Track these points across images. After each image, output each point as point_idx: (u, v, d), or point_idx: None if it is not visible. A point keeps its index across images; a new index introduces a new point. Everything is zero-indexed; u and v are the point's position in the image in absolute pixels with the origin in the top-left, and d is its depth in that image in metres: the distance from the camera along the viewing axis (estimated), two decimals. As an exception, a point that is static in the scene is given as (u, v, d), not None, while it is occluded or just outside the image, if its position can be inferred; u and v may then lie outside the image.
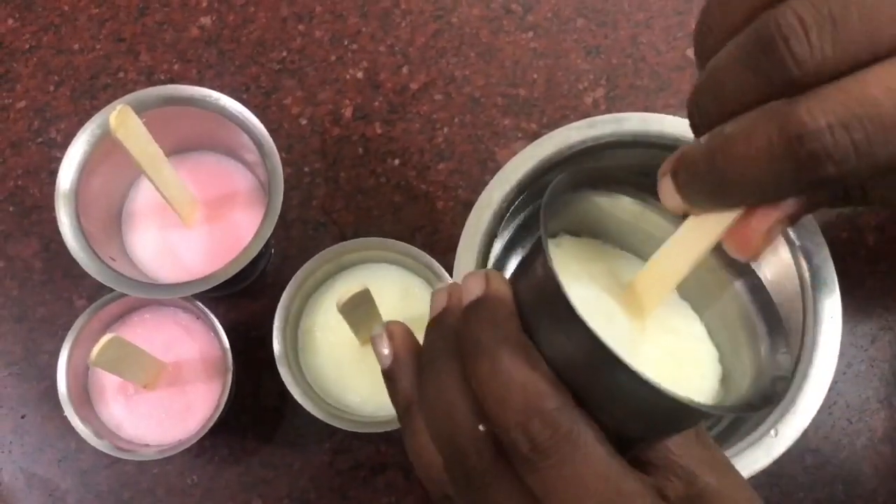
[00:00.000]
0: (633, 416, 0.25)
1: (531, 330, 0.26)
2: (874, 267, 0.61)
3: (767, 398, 0.26)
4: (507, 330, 0.26)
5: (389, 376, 0.31)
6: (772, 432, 0.45)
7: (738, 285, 0.30)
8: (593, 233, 0.32)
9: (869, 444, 0.58)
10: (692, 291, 0.31)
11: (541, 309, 0.26)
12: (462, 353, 0.27)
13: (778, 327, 0.28)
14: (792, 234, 0.48)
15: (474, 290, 0.27)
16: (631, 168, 0.31)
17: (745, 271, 0.30)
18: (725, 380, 0.29)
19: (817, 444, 0.58)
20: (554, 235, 0.30)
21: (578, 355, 0.25)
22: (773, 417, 0.45)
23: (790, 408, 0.45)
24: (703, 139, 0.23)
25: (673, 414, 0.25)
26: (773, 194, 0.23)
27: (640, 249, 0.32)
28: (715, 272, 0.30)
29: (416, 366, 0.30)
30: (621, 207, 0.31)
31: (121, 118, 0.43)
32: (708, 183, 0.24)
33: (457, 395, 0.27)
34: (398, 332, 0.31)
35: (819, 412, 0.45)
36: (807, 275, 0.48)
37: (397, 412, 0.31)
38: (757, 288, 0.30)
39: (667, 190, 0.25)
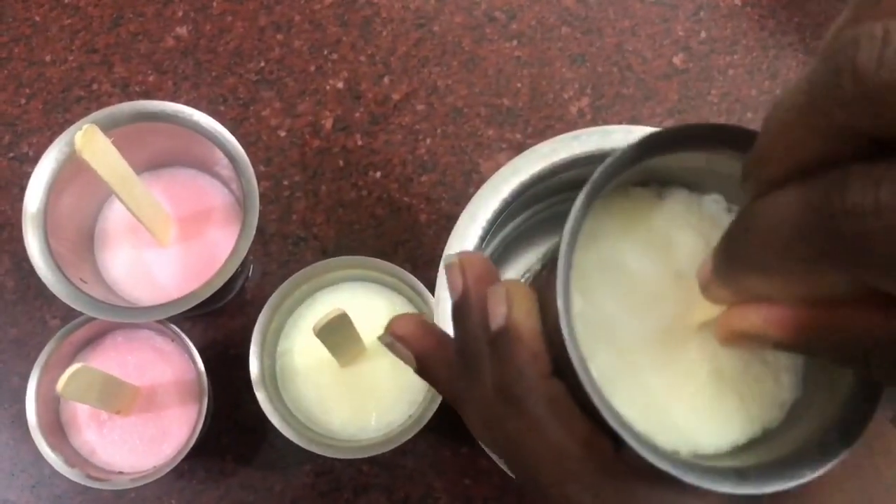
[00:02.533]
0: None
1: (562, 354, 0.24)
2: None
3: (813, 453, 0.23)
4: (533, 376, 0.24)
5: (423, 372, 0.30)
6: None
7: None
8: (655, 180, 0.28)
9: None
10: None
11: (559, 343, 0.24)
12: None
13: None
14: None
15: (498, 313, 0.25)
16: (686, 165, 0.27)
17: None
18: (792, 415, 0.26)
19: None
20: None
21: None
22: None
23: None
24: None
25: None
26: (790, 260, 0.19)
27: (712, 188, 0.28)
28: None
29: (446, 357, 0.29)
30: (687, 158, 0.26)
31: (87, 138, 0.41)
32: (731, 243, 0.21)
33: None
34: (409, 334, 0.29)
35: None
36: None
37: (446, 400, 0.30)
38: None
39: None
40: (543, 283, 0.25)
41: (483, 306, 0.26)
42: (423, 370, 0.29)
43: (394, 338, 0.29)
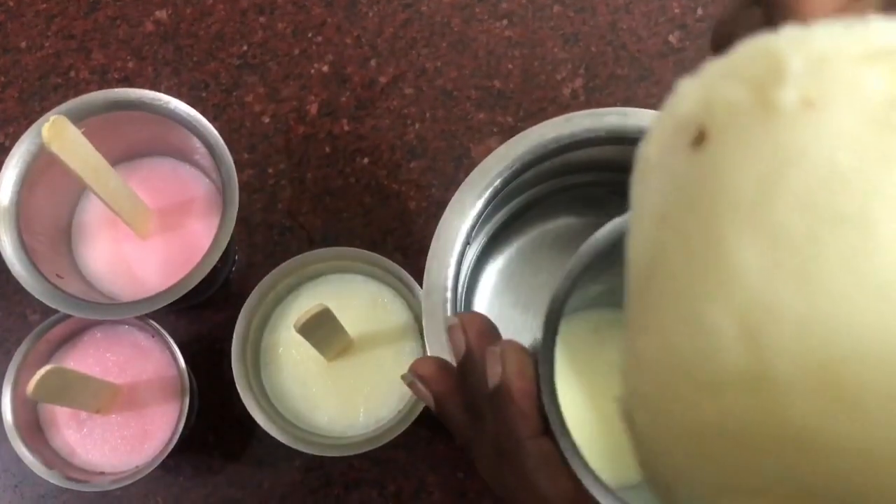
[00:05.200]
0: None
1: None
2: None
3: None
4: (522, 434, 0.25)
5: (440, 414, 0.31)
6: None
7: None
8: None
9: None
10: None
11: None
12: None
13: None
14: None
15: (494, 373, 0.26)
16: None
17: None
18: None
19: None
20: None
21: None
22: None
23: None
24: None
25: None
26: None
27: None
28: None
29: (462, 401, 0.30)
30: None
31: (55, 130, 0.39)
32: None
33: None
34: (430, 375, 0.30)
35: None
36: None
37: (458, 442, 0.31)
38: None
39: None
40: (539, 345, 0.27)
41: (484, 363, 0.27)
42: (440, 411, 0.31)
43: (415, 377, 0.31)
